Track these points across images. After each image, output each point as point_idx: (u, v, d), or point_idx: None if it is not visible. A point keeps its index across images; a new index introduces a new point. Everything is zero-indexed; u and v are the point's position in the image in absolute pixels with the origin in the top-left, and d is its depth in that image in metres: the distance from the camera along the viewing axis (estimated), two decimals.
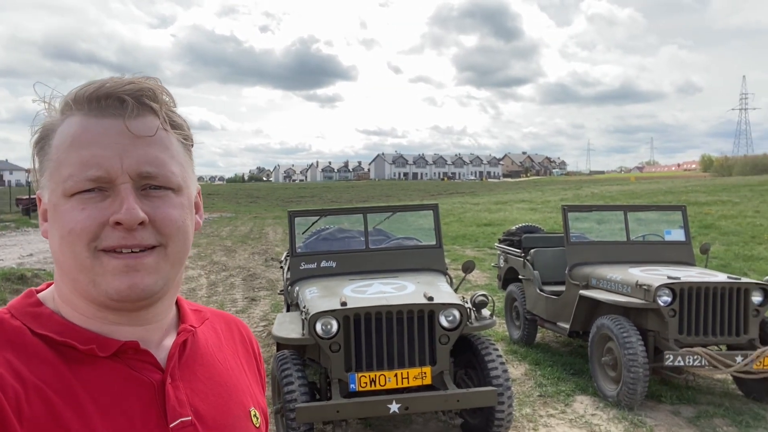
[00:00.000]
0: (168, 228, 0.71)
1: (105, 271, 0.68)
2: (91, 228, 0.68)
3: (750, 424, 4.25)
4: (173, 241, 0.72)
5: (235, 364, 0.86)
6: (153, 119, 0.72)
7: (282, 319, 4.16)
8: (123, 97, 0.70)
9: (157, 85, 0.73)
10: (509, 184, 64.77)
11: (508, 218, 19.99)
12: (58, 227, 0.69)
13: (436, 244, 4.95)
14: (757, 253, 11.70)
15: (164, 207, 0.71)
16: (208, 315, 0.88)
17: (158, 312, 0.76)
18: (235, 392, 0.81)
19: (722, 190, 27.46)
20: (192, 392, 0.75)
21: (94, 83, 0.71)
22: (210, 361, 0.81)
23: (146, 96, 0.71)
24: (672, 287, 4.52)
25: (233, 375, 0.83)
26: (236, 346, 0.90)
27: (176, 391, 0.73)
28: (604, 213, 9.21)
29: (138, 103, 0.71)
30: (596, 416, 4.47)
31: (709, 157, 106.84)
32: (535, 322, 6.22)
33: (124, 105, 0.70)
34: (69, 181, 0.68)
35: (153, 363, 0.73)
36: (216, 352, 0.83)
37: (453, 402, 3.55)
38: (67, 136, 0.70)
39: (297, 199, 41.23)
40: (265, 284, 10.18)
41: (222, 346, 0.86)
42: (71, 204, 0.68)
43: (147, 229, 0.69)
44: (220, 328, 0.89)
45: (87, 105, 0.70)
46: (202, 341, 0.82)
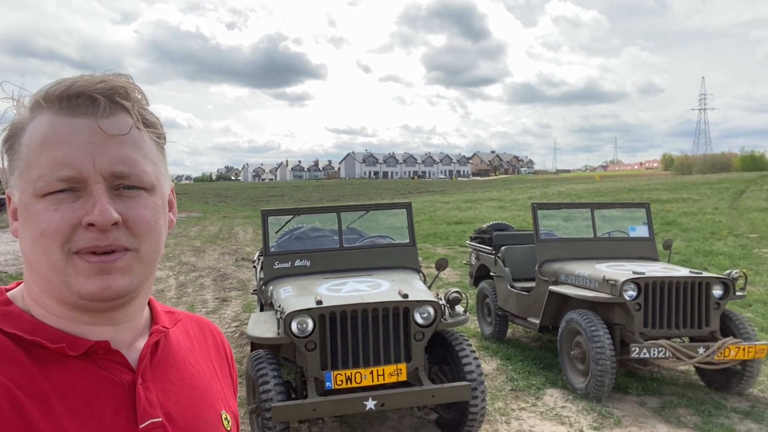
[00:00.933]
0: (141, 229, 0.70)
1: (78, 273, 0.68)
2: (64, 229, 0.67)
3: (712, 413, 4.42)
4: (146, 242, 0.71)
5: (207, 367, 0.85)
6: (125, 118, 0.71)
7: (256, 319, 4.14)
8: (94, 95, 0.69)
9: (129, 83, 0.72)
10: (478, 183, 65.48)
11: (478, 216, 20.21)
12: (29, 228, 0.68)
13: (410, 243, 5.00)
14: (716, 248, 12.12)
15: (137, 207, 0.70)
16: (181, 317, 0.88)
17: (130, 312, 0.76)
18: (207, 395, 0.81)
19: (683, 188, 28.33)
20: (163, 394, 0.75)
21: (64, 81, 0.70)
22: (182, 363, 0.81)
23: (118, 94, 0.70)
24: (637, 282, 4.67)
25: (205, 378, 0.83)
26: (209, 350, 0.89)
27: (147, 392, 0.73)
28: (571, 211, 9.42)
29: (110, 101, 0.70)
30: (566, 408, 4.58)
31: (670, 156, 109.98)
32: (506, 318, 6.33)
33: (95, 104, 0.69)
34: (40, 181, 0.67)
35: (124, 363, 0.73)
36: (188, 355, 0.83)
37: (428, 398, 3.60)
38: (38, 136, 0.69)
39: (266, 199, 40.84)
40: (236, 284, 10.07)
41: (194, 348, 0.86)
42: (43, 205, 0.67)
43: (120, 229, 0.69)
44: (193, 330, 0.89)
45: (57, 104, 0.69)
46: (175, 343, 0.82)
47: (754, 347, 4.46)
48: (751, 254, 11.50)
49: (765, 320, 6.99)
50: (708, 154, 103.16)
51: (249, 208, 32.13)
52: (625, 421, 4.30)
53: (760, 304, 7.74)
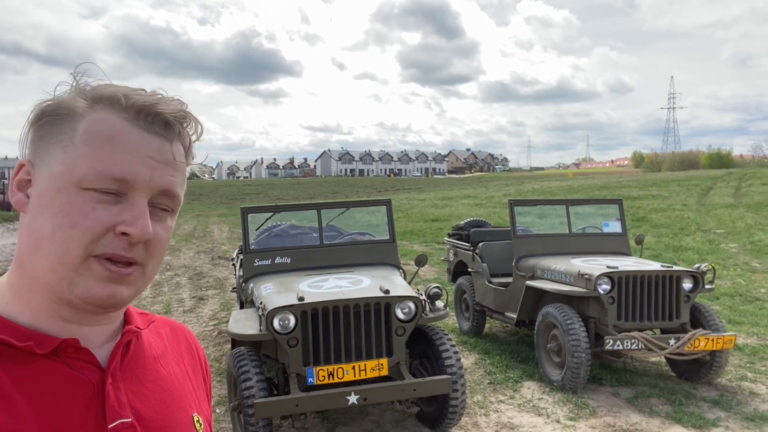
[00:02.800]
0: (156, 249, 0.72)
1: (90, 275, 0.67)
2: (96, 229, 0.67)
3: (683, 402, 4.57)
4: (154, 261, 0.73)
5: (179, 370, 0.85)
6: (181, 146, 0.74)
7: (237, 316, 4.14)
8: (172, 121, 0.72)
9: (194, 117, 0.75)
10: (454, 180, 65.89)
11: (454, 213, 20.37)
12: (56, 215, 0.67)
13: (390, 239, 5.04)
14: (685, 243, 12.46)
15: (160, 228, 0.72)
16: (155, 319, 0.88)
17: (111, 316, 0.75)
18: (179, 397, 0.80)
19: (653, 185, 28.98)
20: (133, 394, 0.74)
21: (144, 95, 0.72)
22: (153, 365, 0.80)
23: (185, 124, 0.74)
24: (611, 276, 4.79)
25: (177, 380, 0.82)
26: (182, 353, 0.89)
27: (117, 392, 0.72)
28: (545, 207, 9.60)
29: (180, 129, 0.73)
30: (543, 400, 4.69)
31: (640, 154, 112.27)
32: (483, 313, 6.43)
33: (168, 128, 0.72)
34: (91, 173, 0.67)
35: (93, 362, 0.71)
36: (160, 357, 0.82)
37: (410, 391, 3.65)
38: (103, 131, 0.69)
39: (242, 197, 40.43)
40: (213, 283, 9.99)
41: (167, 351, 0.85)
42: (82, 198, 0.67)
43: (141, 246, 0.70)
44: (166, 333, 0.88)
45: (134, 114, 0.70)
46: (147, 345, 0.81)
47: (723, 338, 4.62)
48: (718, 249, 11.86)
49: (732, 312, 7.24)
50: (677, 152, 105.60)
51: (224, 206, 31.79)
52: (600, 412, 4.43)
53: (727, 297, 8.01)
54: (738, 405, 4.52)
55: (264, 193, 44.16)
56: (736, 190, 24.31)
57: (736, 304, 7.68)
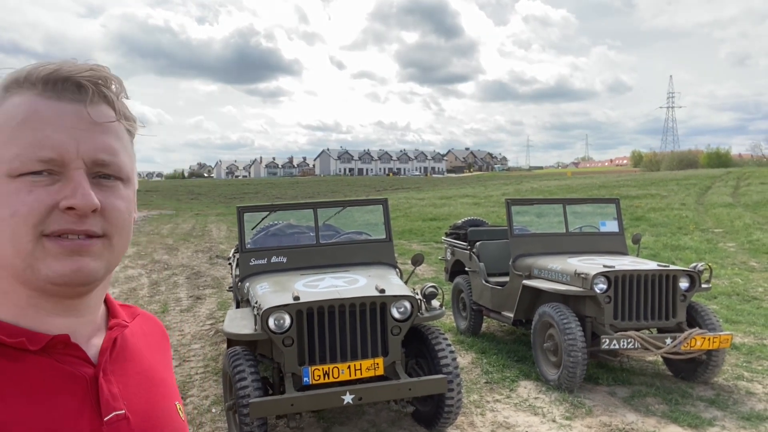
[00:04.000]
0: (115, 218, 0.70)
1: (46, 255, 0.66)
2: (38, 211, 0.64)
3: (679, 402, 4.57)
4: (119, 232, 0.71)
5: (158, 360, 0.87)
6: (108, 108, 0.71)
7: (233, 316, 4.13)
8: (82, 82, 0.68)
9: (112, 75, 0.72)
10: (453, 180, 65.90)
11: (452, 213, 20.36)
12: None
13: (386, 238, 5.04)
14: (683, 243, 12.46)
15: (113, 197, 0.70)
16: (139, 311, 0.89)
17: (91, 303, 0.75)
18: (162, 387, 0.82)
19: (651, 184, 29.00)
20: (123, 386, 0.75)
21: (49, 64, 0.69)
22: (138, 357, 0.81)
23: (103, 84, 0.70)
24: (607, 275, 4.79)
25: (159, 371, 0.84)
26: (158, 344, 0.90)
27: (109, 385, 0.72)
28: (543, 207, 9.62)
29: (96, 90, 0.69)
30: (539, 399, 4.68)
31: (639, 153, 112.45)
32: (480, 313, 6.42)
33: (82, 90, 0.68)
34: (16, 160, 0.65)
35: (83, 358, 0.72)
36: (143, 349, 0.84)
37: (405, 391, 3.64)
38: (16, 115, 0.66)
39: (240, 196, 40.41)
40: (211, 282, 9.98)
41: (148, 342, 0.87)
42: (16, 185, 0.65)
43: (96, 217, 0.68)
44: (144, 325, 0.90)
45: (42, 86, 0.67)
46: (130, 337, 0.82)
47: (719, 337, 4.62)
48: (716, 248, 11.87)
49: (729, 312, 7.24)
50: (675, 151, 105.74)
51: (222, 206, 31.76)
52: (596, 411, 4.42)
53: (725, 297, 8.01)
54: (734, 404, 4.51)
55: (263, 193, 44.14)
56: (735, 189, 24.33)
57: (734, 303, 7.68)
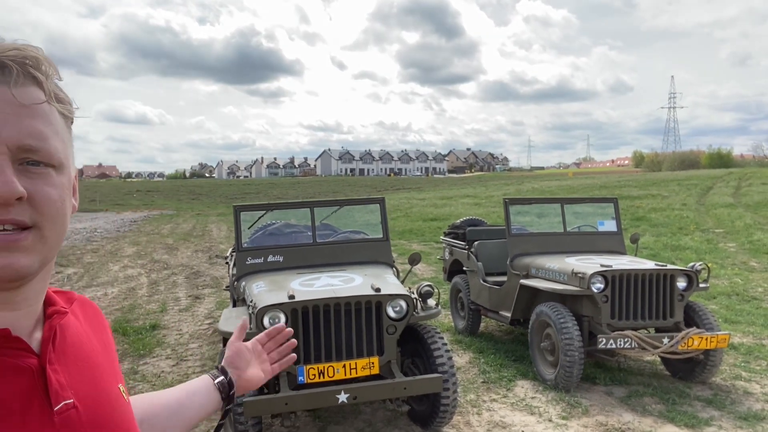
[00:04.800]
0: (46, 207, 0.66)
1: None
2: None
3: (676, 401, 4.55)
4: (51, 222, 0.67)
5: (98, 344, 0.85)
6: (36, 90, 0.66)
7: (228, 314, 4.13)
8: (6, 62, 0.64)
9: (42, 54, 0.68)
10: (454, 180, 65.86)
11: (453, 213, 20.35)
12: None
13: (383, 237, 5.03)
14: (683, 243, 12.44)
15: (43, 185, 0.66)
16: (76, 297, 0.86)
17: (29, 296, 0.72)
18: (105, 371, 0.81)
19: (652, 184, 28.96)
20: (69, 375, 0.73)
21: None
22: (78, 343, 0.79)
23: (30, 65, 0.66)
24: (604, 275, 4.77)
25: (99, 354, 0.83)
26: (96, 327, 0.88)
27: (56, 375, 0.71)
28: (544, 207, 9.61)
29: (23, 70, 0.65)
30: (536, 399, 4.67)
31: (640, 154, 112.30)
32: (478, 312, 6.41)
33: (5, 71, 0.64)
34: None
35: (26, 349, 0.70)
36: (83, 334, 0.82)
37: (400, 390, 3.63)
38: None
39: (241, 196, 40.44)
40: (210, 282, 9.98)
41: (86, 327, 0.85)
42: None
43: (23, 206, 0.64)
44: (81, 310, 0.88)
45: None
46: (71, 324, 0.80)
47: (717, 337, 4.60)
48: (716, 249, 11.84)
49: (729, 312, 7.22)
50: (677, 151, 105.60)
51: (223, 206, 31.78)
52: (593, 411, 4.41)
53: (724, 297, 7.99)
54: (732, 404, 4.50)
55: (264, 193, 44.16)
56: (736, 189, 24.29)
57: (733, 303, 7.66)
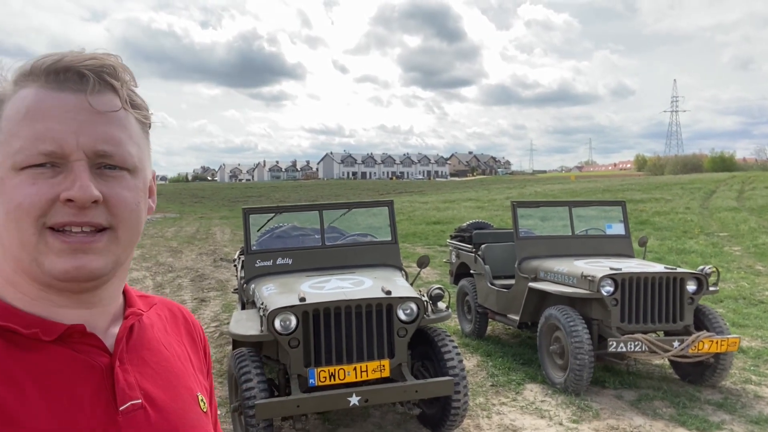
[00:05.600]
0: (121, 210, 0.69)
1: (48, 250, 0.66)
2: (40, 203, 0.65)
3: (686, 405, 4.53)
4: (125, 224, 0.70)
5: (180, 350, 0.85)
6: (113, 97, 0.70)
7: (239, 317, 4.12)
8: (83, 71, 0.67)
9: (118, 63, 0.71)
10: (456, 183, 65.85)
11: (456, 216, 20.34)
12: (4, 201, 0.66)
13: (392, 240, 5.03)
14: (688, 246, 12.41)
15: (118, 188, 0.69)
16: (156, 301, 0.88)
17: (104, 296, 0.74)
18: (182, 377, 0.81)
19: (655, 188, 28.93)
20: (141, 376, 0.74)
21: (52, 55, 0.68)
22: (156, 346, 0.80)
23: (107, 73, 0.69)
24: (614, 278, 4.76)
25: (179, 361, 0.83)
26: (181, 333, 0.89)
27: (125, 375, 0.72)
28: (547, 210, 9.58)
29: (99, 79, 0.68)
30: (545, 402, 4.65)
31: (643, 157, 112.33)
32: (486, 315, 6.40)
33: (84, 80, 0.68)
34: (20, 154, 0.65)
35: (100, 347, 0.71)
36: (162, 338, 0.83)
37: (411, 393, 3.62)
38: (21, 108, 0.67)
39: (244, 199, 40.46)
40: (215, 285, 9.98)
41: (167, 332, 0.85)
42: (20, 178, 0.65)
43: (99, 208, 0.67)
44: (165, 315, 0.89)
45: (44, 77, 0.67)
46: (149, 327, 0.81)
47: (727, 341, 4.58)
48: (721, 252, 11.81)
49: (736, 315, 7.20)
50: (680, 155, 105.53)
51: (226, 209, 31.80)
52: (603, 414, 4.39)
53: (731, 300, 7.96)
54: (742, 408, 4.48)
55: (266, 196, 44.19)
56: (740, 193, 24.25)
57: (740, 306, 7.64)
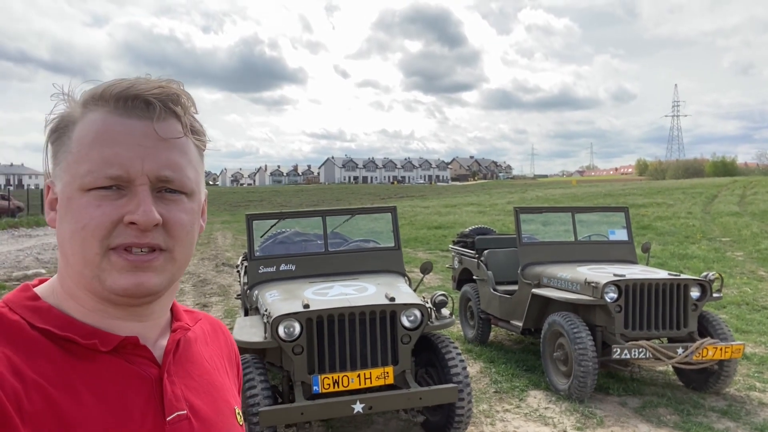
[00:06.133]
0: (178, 232, 0.73)
1: (111, 268, 0.70)
2: (105, 225, 0.69)
3: (691, 412, 4.52)
4: (180, 244, 0.74)
5: (220, 365, 0.89)
6: (176, 123, 0.74)
7: (242, 323, 4.12)
8: (150, 99, 0.72)
9: (182, 90, 0.75)
10: (458, 188, 65.86)
11: (458, 221, 20.34)
12: (70, 221, 0.70)
13: (395, 246, 5.02)
14: (690, 251, 12.39)
15: (177, 211, 0.73)
16: (201, 316, 0.92)
17: (156, 310, 0.79)
18: (222, 391, 0.85)
19: (657, 192, 28.92)
20: (186, 388, 0.78)
21: (122, 82, 0.73)
22: (200, 360, 0.84)
23: (172, 101, 0.74)
24: (618, 284, 4.75)
25: (219, 375, 0.87)
26: (221, 348, 0.93)
27: (173, 386, 0.76)
28: (549, 215, 9.59)
29: (164, 107, 0.73)
30: (549, 409, 4.64)
31: (644, 162, 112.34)
32: (489, 321, 6.39)
33: (150, 107, 0.72)
34: (88, 176, 0.69)
35: (150, 358, 0.76)
36: (204, 352, 0.87)
37: (416, 400, 3.61)
38: (90, 132, 0.71)
39: (245, 204, 40.47)
40: (217, 290, 9.98)
41: (209, 346, 0.90)
42: (86, 199, 0.69)
43: (159, 230, 0.72)
44: (207, 330, 0.93)
45: (113, 103, 0.72)
46: (193, 341, 0.85)
47: (731, 347, 4.57)
48: (724, 257, 11.79)
49: (739, 321, 7.18)
50: (681, 159, 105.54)
51: (228, 213, 31.82)
52: (608, 421, 4.38)
53: (734, 306, 7.94)
54: (747, 415, 4.46)
55: (267, 200, 44.21)
56: (741, 198, 24.23)
57: (743, 312, 7.62)
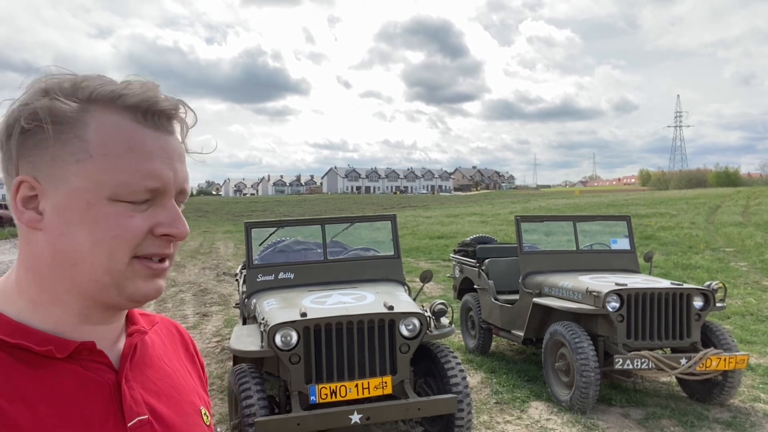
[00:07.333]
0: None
1: (136, 276, 0.71)
2: (138, 236, 0.70)
3: (695, 424, 4.45)
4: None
5: (179, 365, 0.88)
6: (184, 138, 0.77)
7: (239, 332, 4.08)
8: (171, 114, 0.73)
9: (191, 108, 0.76)
10: (460, 198, 65.87)
11: (460, 231, 20.28)
12: (93, 229, 0.67)
13: (395, 255, 4.99)
14: (694, 262, 12.31)
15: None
16: (157, 320, 0.92)
17: (123, 312, 0.79)
18: (184, 392, 0.83)
19: (660, 203, 28.84)
20: (146, 392, 0.76)
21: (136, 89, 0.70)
22: (158, 363, 0.83)
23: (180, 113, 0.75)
24: (620, 293, 4.70)
25: (180, 375, 0.86)
26: (178, 348, 0.92)
27: (131, 391, 0.74)
28: (551, 225, 9.56)
29: (182, 123, 0.75)
30: (551, 421, 4.57)
31: (647, 172, 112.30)
32: (490, 331, 6.33)
33: (172, 123, 0.74)
34: (124, 188, 0.68)
35: (107, 364, 0.74)
36: (163, 354, 0.85)
37: (414, 410, 3.56)
38: (119, 140, 0.68)
39: (248, 213, 40.49)
40: (217, 299, 9.94)
41: (166, 347, 0.88)
42: (116, 209, 0.68)
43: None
44: (163, 332, 0.92)
45: (141, 115, 0.70)
46: (150, 343, 0.84)
47: (735, 358, 4.51)
48: (728, 267, 11.71)
49: (743, 332, 7.10)
50: (684, 170, 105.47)
51: (230, 223, 31.83)
52: None
53: (738, 317, 7.86)
54: (752, 427, 4.39)
55: (270, 210, 44.24)
56: (745, 208, 24.13)
57: (748, 323, 7.54)
